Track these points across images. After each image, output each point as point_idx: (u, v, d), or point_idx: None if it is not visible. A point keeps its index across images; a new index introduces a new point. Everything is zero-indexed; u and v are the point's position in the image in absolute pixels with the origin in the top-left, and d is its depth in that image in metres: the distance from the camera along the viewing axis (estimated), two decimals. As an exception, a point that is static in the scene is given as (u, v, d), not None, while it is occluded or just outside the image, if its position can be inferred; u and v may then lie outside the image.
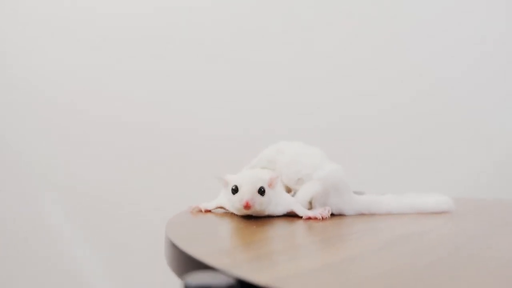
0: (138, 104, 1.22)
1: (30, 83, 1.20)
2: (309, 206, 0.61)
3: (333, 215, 0.61)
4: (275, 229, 0.54)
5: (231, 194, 0.56)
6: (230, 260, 0.38)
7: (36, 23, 1.20)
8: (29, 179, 1.20)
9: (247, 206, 0.54)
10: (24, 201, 1.18)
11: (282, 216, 0.59)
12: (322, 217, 0.58)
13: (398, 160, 1.24)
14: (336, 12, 1.26)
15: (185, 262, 0.39)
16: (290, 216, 0.59)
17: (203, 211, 0.62)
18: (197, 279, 0.31)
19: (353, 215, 0.63)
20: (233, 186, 0.56)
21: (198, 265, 0.36)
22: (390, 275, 0.36)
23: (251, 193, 0.55)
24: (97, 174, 1.20)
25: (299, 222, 0.57)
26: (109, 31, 1.22)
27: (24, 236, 1.18)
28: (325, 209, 0.60)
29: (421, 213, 0.66)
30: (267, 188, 0.56)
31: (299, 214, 0.59)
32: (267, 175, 0.58)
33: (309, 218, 0.58)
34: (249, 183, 0.55)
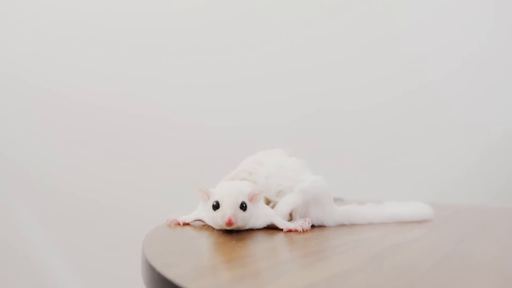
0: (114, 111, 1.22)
1: (17, 79, 1.19)
2: (289, 218, 0.60)
3: (314, 227, 0.60)
4: (256, 244, 0.52)
5: (212, 210, 0.54)
6: (213, 282, 0.36)
7: (31, 24, 1.20)
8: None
9: (230, 224, 0.52)
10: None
11: (262, 229, 0.57)
12: (303, 229, 0.57)
13: (373, 162, 1.25)
14: (325, 11, 1.26)
15: (164, 286, 0.37)
16: (270, 229, 0.58)
17: (181, 224, 0.59)
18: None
19: (334, 226, 0.62)
20: (214, 202, 0.54)
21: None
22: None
23: (233, 209, 0.53)
24: (78, 176, 1.20)
25: (280, 235, 0.55)
26: (106, 31, 1.22)
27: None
28: (306, 221, 0.59)
29: (402, 222, 0.66)
30: (248, 203, 0.55)
31: (280, 227, 0.57)
32: (248, 188, 0.56)
33: (290, 231, 0.57)
34: (230, 198, 0.54)
